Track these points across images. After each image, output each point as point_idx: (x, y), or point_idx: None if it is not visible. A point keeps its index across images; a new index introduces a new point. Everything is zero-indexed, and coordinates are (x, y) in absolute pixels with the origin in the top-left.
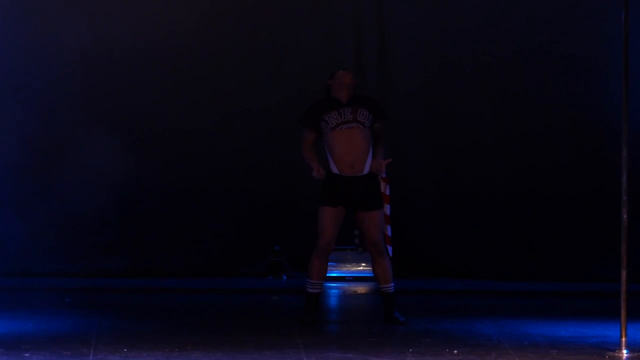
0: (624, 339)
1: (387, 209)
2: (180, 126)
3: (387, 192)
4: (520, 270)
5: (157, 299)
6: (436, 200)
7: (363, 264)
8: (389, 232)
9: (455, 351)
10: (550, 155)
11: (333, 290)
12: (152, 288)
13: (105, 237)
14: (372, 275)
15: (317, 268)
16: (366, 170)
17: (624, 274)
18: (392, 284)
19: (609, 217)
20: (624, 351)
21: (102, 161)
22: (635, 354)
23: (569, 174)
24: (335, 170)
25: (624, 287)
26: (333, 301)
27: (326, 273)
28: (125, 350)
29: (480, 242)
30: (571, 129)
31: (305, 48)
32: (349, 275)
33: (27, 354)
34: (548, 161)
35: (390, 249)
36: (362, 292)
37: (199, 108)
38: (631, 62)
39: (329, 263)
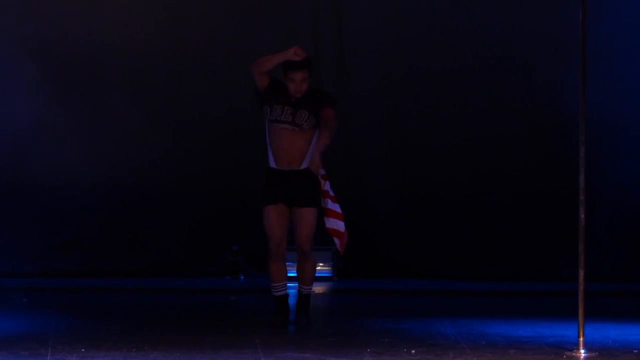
0: (581, 339)
1: (326, 202)
2: (138, 127)
3: (327, 188)
4: (478, 270)
5: (115, 299)
6: (395, 201)
7: (320, 264)
8: (339, 226)
9: (413, 351)
10: (509, 156)
11: (290, 290)
12: (110, 288)
13: (63, 237)
14: (331, 275)
15: (275, 271)
16: (304, 165)
17: (581, 273)
18: (311, 287)
19: (566, 217)
20: (582, 351)
21: (62, 161)
22: (593, 353)
23: (527, 175)
24: (273, 164)
25: (581, 287)
26: (290, 301)
27: (286, 273)
28: (83, 350)
29: (439, 242)
30: (530, 131)
31: (263, 49)
32: None
33: None
34: (507, 162)
35: (337, 241)
36: (320, 291)
37: (155, 110)
38: (588, 64)
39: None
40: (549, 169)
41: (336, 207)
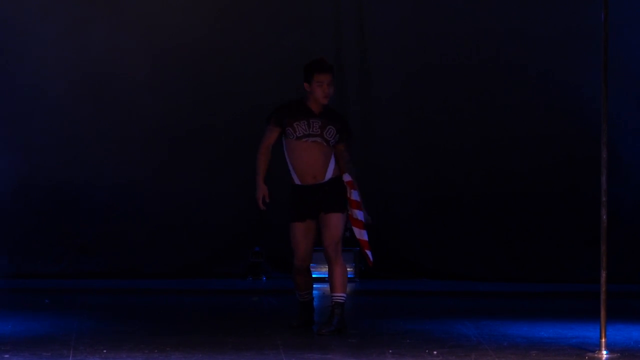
0: (603, 340)
1: (357, 214)
2: (159, 130)
3: (355, 198)
4: (499, 271)
5: (136, 300)
6: (416, 202)
7: None
8: (365, 236)
9: (435, 352)
10: (530, 158)
11: (313, 292)
12: (131, 289)
13: (84, 238)
14: (353, 276)
15: (300, 282)
16: (328, 177)
17: (603, 274)
18: (341, 295)
19: (588, 218)
20: (604, 352)
21: (83, 163)
22: (615, 354)
23: (548, 176)
24: (297, 181)
25: (603, 288)
26: (320, 303)
27: (312, 282)
28: (104, 351)
29: (460, 243)
30: (551, 131)
31: (285, 50)
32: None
33: (6, 355)
34: (527, 163)
35: (369, 253)
36: None
37: (178, 111)
38: (610, 65)
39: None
40: (570, 169)
41: (360, 215)
